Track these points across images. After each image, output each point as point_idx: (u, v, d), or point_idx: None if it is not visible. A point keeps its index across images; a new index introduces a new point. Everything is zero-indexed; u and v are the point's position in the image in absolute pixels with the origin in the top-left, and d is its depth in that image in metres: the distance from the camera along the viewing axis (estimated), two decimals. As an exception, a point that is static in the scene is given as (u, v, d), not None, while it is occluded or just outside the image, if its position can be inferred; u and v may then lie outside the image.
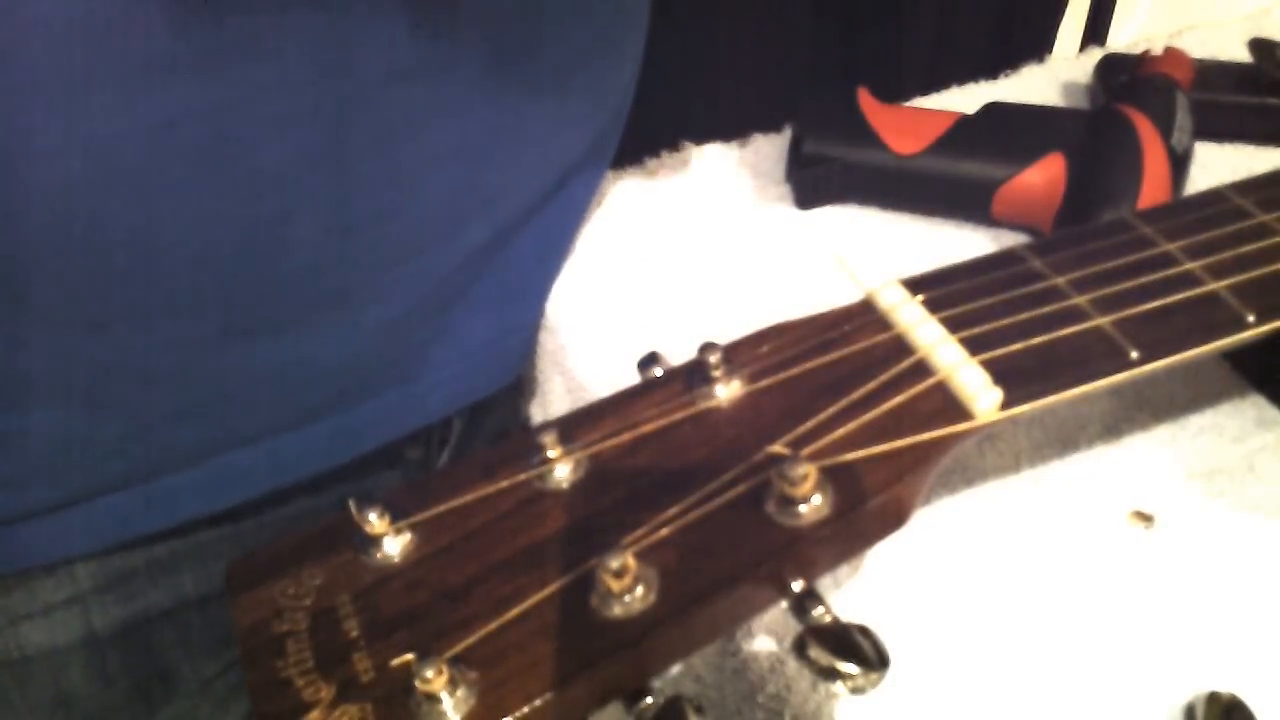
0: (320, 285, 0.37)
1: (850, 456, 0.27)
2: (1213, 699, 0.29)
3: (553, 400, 0.46)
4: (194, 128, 0.31)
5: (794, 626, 0.25)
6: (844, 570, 0.33)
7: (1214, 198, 0.35)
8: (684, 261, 0.48)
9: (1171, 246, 0.32)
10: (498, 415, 0.50)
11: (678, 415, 0.29)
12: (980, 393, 0.28)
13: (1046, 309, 0.30)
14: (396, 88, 0.34)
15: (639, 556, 0.25)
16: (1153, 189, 0.43)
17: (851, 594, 0.33)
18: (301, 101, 0.32)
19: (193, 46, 0.29)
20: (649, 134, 0.54)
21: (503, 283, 0.43)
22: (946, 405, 0.28)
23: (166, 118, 0.30)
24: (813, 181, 0.50)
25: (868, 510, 0.26)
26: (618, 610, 0.24)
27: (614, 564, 0.23)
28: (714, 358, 0.29)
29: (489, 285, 0.43)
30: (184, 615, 0.42)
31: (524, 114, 0.39)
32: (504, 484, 0.27)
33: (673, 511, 0.26)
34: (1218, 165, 0.50)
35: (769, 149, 0.54)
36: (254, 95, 0.31)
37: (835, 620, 0.24)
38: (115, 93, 0.29)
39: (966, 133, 0.48)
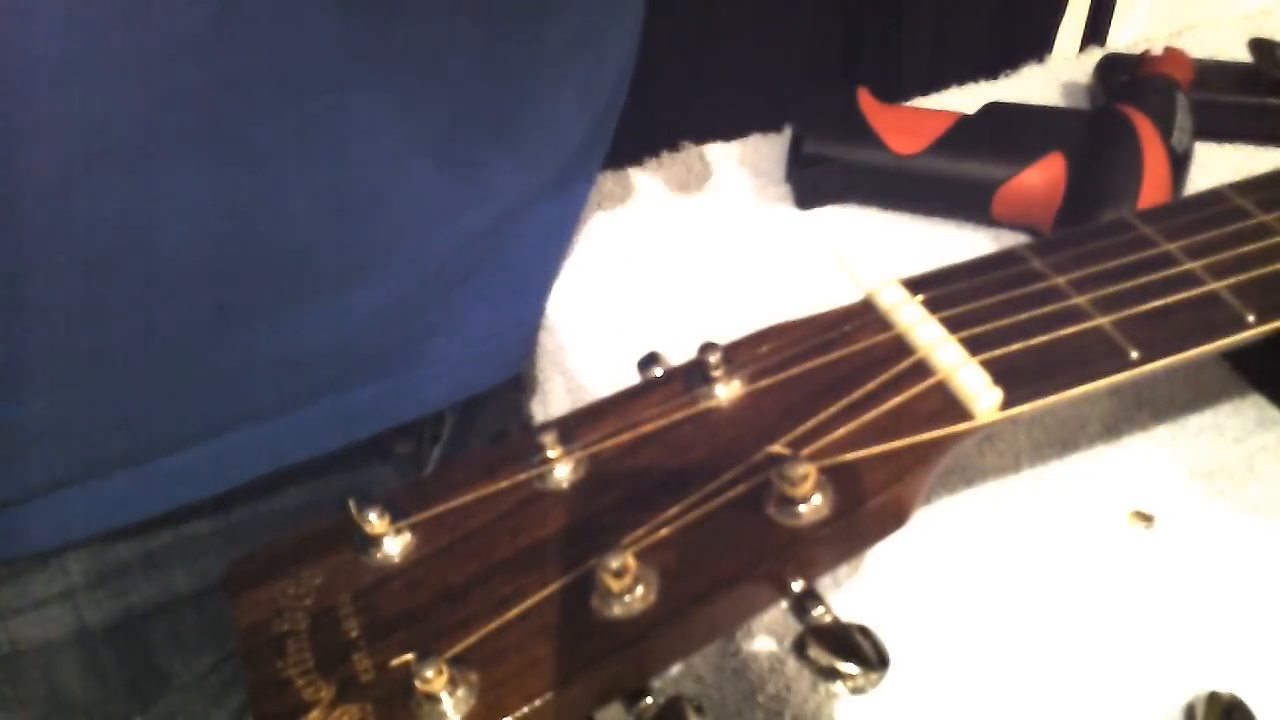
0: (316, 266, 0.37)
1: (850, 456, 0.27)
2: (1213, 699, 0.29)
3: (553, 400, 0.46)
4: (188, 109, 0.31)
5: (794, 626, 0.25)
6: (844, 570, 0.33)
7: (1214, 198, 0.35)
8: (684, 261, 0.48)
9: (1171, 246, 0.32)
10: (491, 413, 0.50)
11: (678, 415, 0.29)
12: (980, 393, 0.28)
13: (1046, 309, 0.30)
14: (392, 69, 0.34)
15: (639, 556, 0.25)
16: (1153, 189, 0.43)
17: (851, 594, 0.33)
18: (295, 83, 0.32)
19: (189, 29, 0.29)
20: (649, 134, 0.54)
21: (504, 273, 0.43)
22: (946, 405, 0.28)
23: (161, 99, 0.30)
24: (813, 181, 0.50)
25: (868, 510, 0.26)
26: (618, 610, 0.24)
27: (614, 564, 0.23)
28: (714, 358, 0.29)
29: (490, 275, 0.43)
30: (177, 611, 0.42)
31: (522, 98, 0.39)
32: (504, 484, 0.27)
33: (673, 511, 0.26)
34: (1218, 165, 0.50)
35: (769, 149, 0.54)
36: (248, 77, 0.31)
37: (835, 620, 0.24)
38: (111, 75, 0.29)
39: (966, 133, 0.48)
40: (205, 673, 0.43)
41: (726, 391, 0.29)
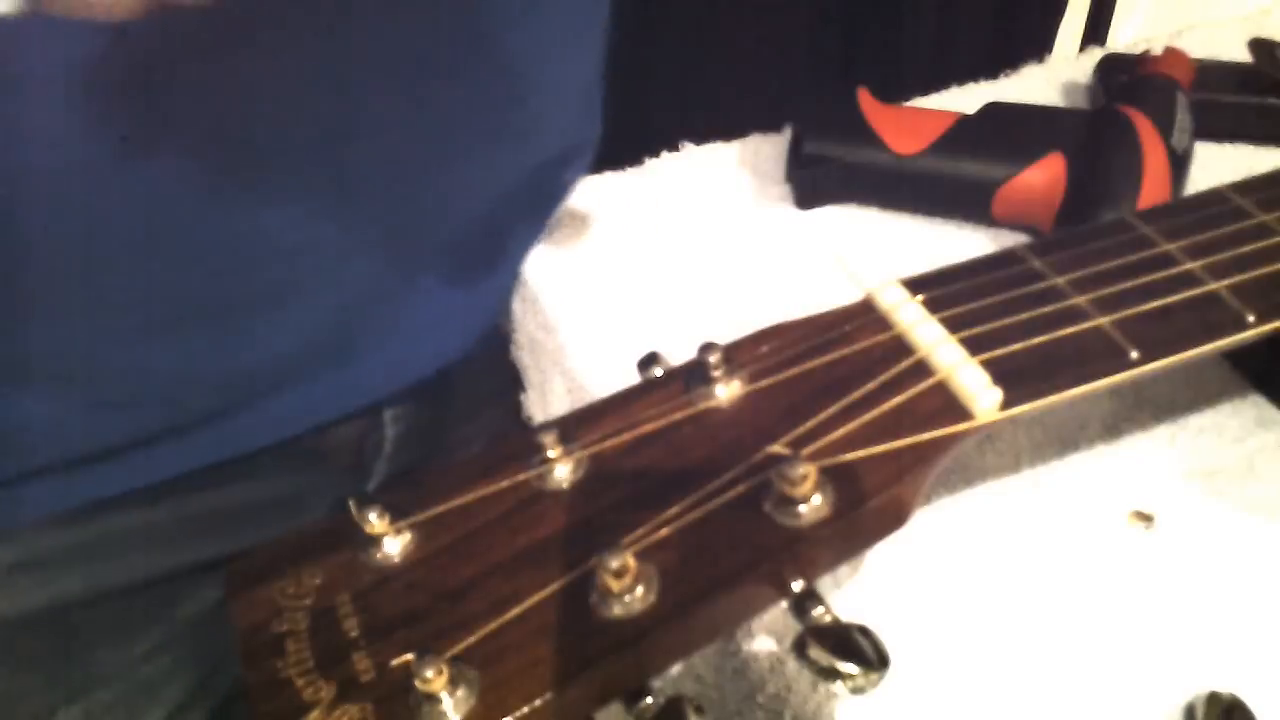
0: (272, 274, 0.37)
1: (850, 456, 0.27)
2: (1213, 699, 0.29)
3: (553, 400, 0.46)
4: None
5: (794, 626, 0.25)
6: (844, 570, 0.33)
7: (1214, 198, 0.35)
8: (684, 261, 0.48)
9: (1171, 246, 0.32)
10: (435, 429, 0.50)
11: (678, 415, 0.28)
12: (980, 393, 0.28)
13: (1047, 309, 0.30)
14: (390, 67, 0.34)
15: (639, 556, 0.25)
16: (1153, 189, 0.43)
17: (851, 594, 0.33)
18: (292, 83, 0.32)
19: (127, 53, 0.30)
20: (649, 134, 0.54)
21: (478, 265, 0.44)
22: (946, 405, 0.28)
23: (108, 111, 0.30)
24: (813, 181, 0.50)
25: (868, 510, 0.26)
26: (618, 610, 0.24)
27: (614, 564, 0.23)
28: (714, 358, 0.29)
29: (438, 278, 0.43)
30: (103, 604, 0.41)
31: (510, 90, 0.39)
32: (504, 484, 0.27)
33: (673, 511, 0.26)
34: (1218, 165, 0.49)
35: (769, 149, 0.54)
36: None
37: (835, 620, 0.24)
38: (53, 93, 0.29)
39: (966, 133, 0.48)
40: (136, 664, 0.43)
41: (726, 391, 0.29)
